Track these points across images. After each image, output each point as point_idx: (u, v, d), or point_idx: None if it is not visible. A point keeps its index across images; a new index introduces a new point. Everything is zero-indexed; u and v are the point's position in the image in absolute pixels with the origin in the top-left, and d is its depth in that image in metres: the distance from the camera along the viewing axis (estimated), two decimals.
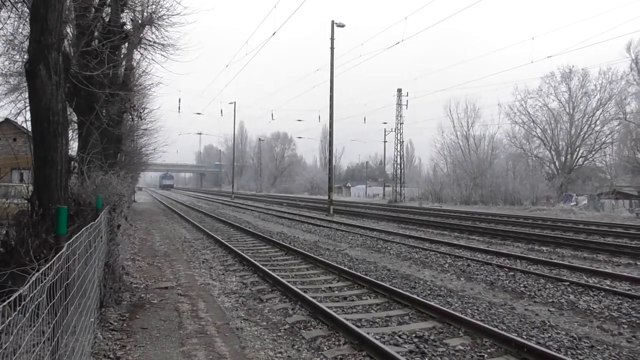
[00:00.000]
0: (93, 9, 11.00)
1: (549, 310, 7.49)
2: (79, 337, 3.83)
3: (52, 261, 2.93)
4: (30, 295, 2.36)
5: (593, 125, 50.99)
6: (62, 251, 3.27)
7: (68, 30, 10.61)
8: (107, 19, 11.65)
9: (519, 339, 5.66)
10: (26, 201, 6.38)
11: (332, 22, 29.47)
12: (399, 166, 53.18)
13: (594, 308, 7.56)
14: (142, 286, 8.70)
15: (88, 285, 4.53)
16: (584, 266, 10.99)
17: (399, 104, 51.75)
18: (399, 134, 52.43)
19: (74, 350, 3.55)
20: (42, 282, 2.58)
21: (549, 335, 6.17)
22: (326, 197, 32.06)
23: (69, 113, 10.03)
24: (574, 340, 5.95)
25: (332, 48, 29.27)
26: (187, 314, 6.99)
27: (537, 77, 73.03)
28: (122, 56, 13.81)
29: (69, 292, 3.47)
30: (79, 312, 3.88)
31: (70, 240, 3.65)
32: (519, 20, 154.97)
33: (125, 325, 6.31)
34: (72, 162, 9.41)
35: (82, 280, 4.14)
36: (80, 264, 4.01)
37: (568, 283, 9.23)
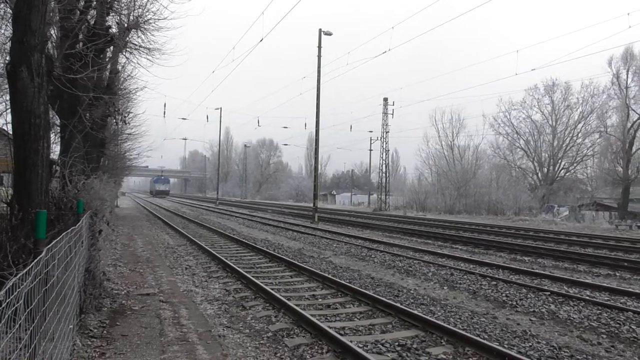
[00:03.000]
0: (78, 12, 10.88)
1: (530, 320, 7.56)
2: (58, 344, 3.75)
3: (29, 266, 2.88)
4: (7, 300, 2.31)
5: (575, 138, 52.00)
6: (40, 256, 3.21)
7: (52, 32, 10.48)
8: (92, 22, 11.52)
9: (500, 348, 5.70)
10: (5, 205, 6.27)
11: (320, 30, 29.59)
12: (384, 175, 53.40)
13: (574, 318, 7.65)
14: (123, 292, 8.58)
15: (67, 291, 4.45)
16: (565, 276, 11.14)
17: (385, 113, 52.08)
18: (384, 143, 52.71)
19: (52, 357, 3.48)
20: (19, 287, 2.53)
21: (530, 344, 6.22)
22: (311, 205, 32.05)
23: (51, 116, 9.88)
24: (554, 350, 6.01)
25: (319, 56, 29.38)
26: (168, 321, 6.90)
27: (521, 89, 74.12)
28: (107, 59, 13.67)
29: (48, 297, 3.40)
30: (57, 319, 3.81)
31: (50, 245, 3.59)
32: (504, 33, 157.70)
33: (105, 332, 6.21)
34: (54, 166, 9.28)
35: (62, 286, 4.07)
36: (59, 270, 3.94)
37: (549, 293, 9.34)
